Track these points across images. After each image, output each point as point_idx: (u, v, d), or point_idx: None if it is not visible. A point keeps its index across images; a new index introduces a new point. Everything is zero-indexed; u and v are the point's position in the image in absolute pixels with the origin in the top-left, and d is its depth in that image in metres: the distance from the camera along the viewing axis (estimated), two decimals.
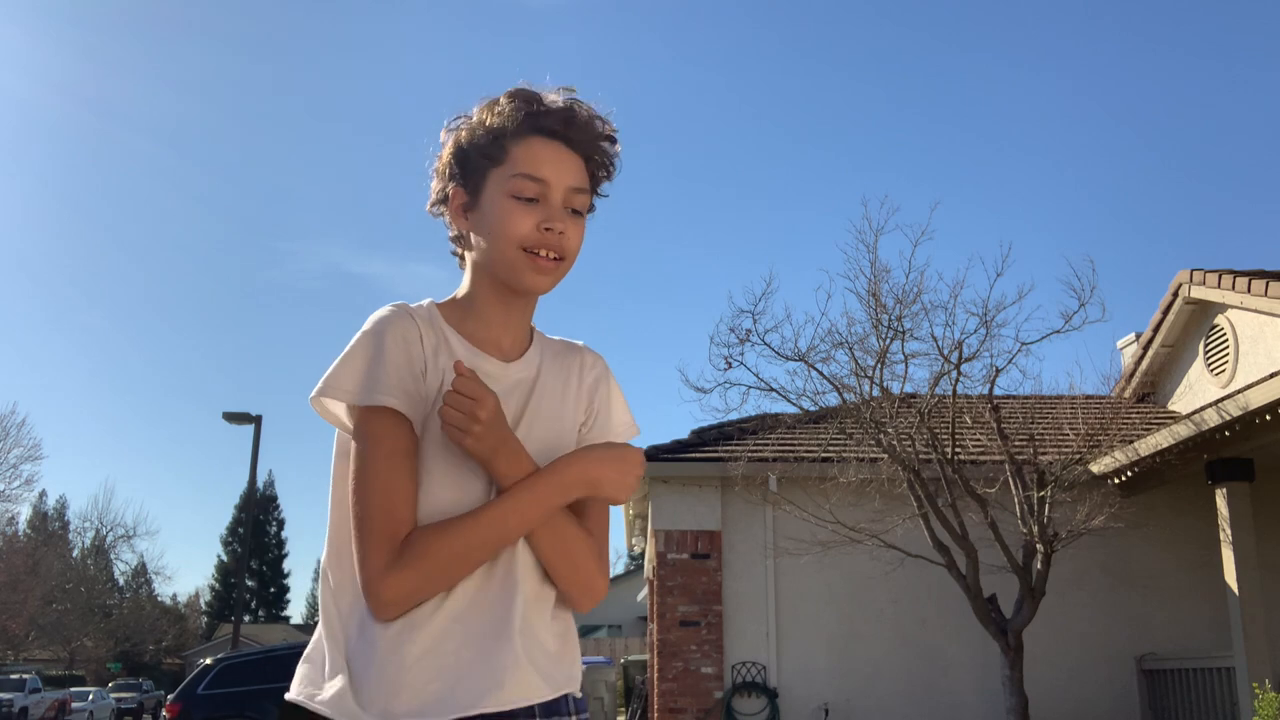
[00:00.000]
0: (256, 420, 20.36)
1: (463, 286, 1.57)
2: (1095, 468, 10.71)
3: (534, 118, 1.50)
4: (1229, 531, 9.76)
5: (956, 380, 9.70)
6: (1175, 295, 12.44)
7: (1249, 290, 10.93)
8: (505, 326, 1.55)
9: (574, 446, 1.55)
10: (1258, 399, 8.68)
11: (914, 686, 11.33)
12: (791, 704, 11.31)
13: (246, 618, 68.24)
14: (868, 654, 11.40)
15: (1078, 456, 10.04)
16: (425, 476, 1.43)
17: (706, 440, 12.18)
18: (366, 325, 1.47)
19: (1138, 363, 13.52)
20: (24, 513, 49.45)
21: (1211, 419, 9.23)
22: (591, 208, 1.56)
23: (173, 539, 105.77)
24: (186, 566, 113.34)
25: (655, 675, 11.63)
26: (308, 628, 68.95)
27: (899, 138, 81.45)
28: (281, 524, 78.25)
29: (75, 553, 53.74)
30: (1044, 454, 10.23)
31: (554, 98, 1.53)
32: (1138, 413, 12.88)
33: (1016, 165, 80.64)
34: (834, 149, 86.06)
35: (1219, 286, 11.50)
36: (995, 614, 9.46)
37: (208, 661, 14.32)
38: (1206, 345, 12.33)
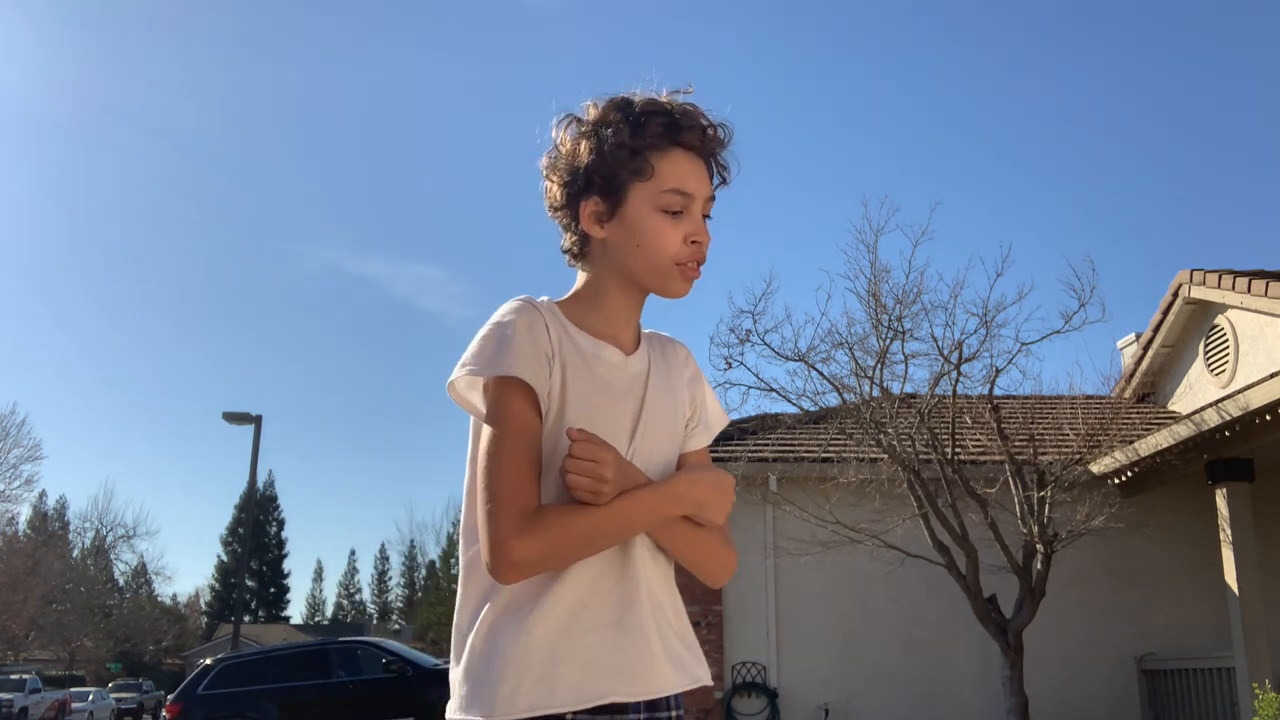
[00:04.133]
0: (256, 420, 20.36)
1: (583, 284, 1.63)
2: (1095, 468, 10.71)
3: (675, 132, 1.57)
4: (1229, 531, 9.76)
5: (956, 380, 9.70)
6: (1175, 295, 12.44)
7: (1249, 290, 10.93)
8: (627, 322, 1.63)
9: (681, 439, 1.66)
10: (1258, 399, 8.68)
11: (914, 687, 11.33)
12: (791, 704, 11.31)
13: (246, 618, 68.20)
14: (868, 654, 11.40)
15: (1078, 457, 10.04)
16: (544, 472, 1.48)
17: None
18: (494, 317, 1.55)
19: (1138, 363, 13.52)
20: (24, 513, 49.44)
21: (1211, 419, 9.23)
22: None
23: (173, 539, 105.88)
24: (186, 566, 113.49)
25: None
26: (308, 628, 68.93)
27: (899, 138, 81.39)
28: (281, 524, 78.27)
29: (75, 553, 53.77)
30: (1044, 454, 10.23)
31: (683, 105, 1.59)
32: (1138, 413, 12.88)
33: (1017, 165, 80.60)
34: (834, 149, 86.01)
35: (1219, 286, 11.49)
36: (995, 614, 9.45)
37: (208, 662, 14.32)
38: (1206, 345, 12.33)
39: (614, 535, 1.46)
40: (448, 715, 1.48)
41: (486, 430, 1.48)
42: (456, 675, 1.48)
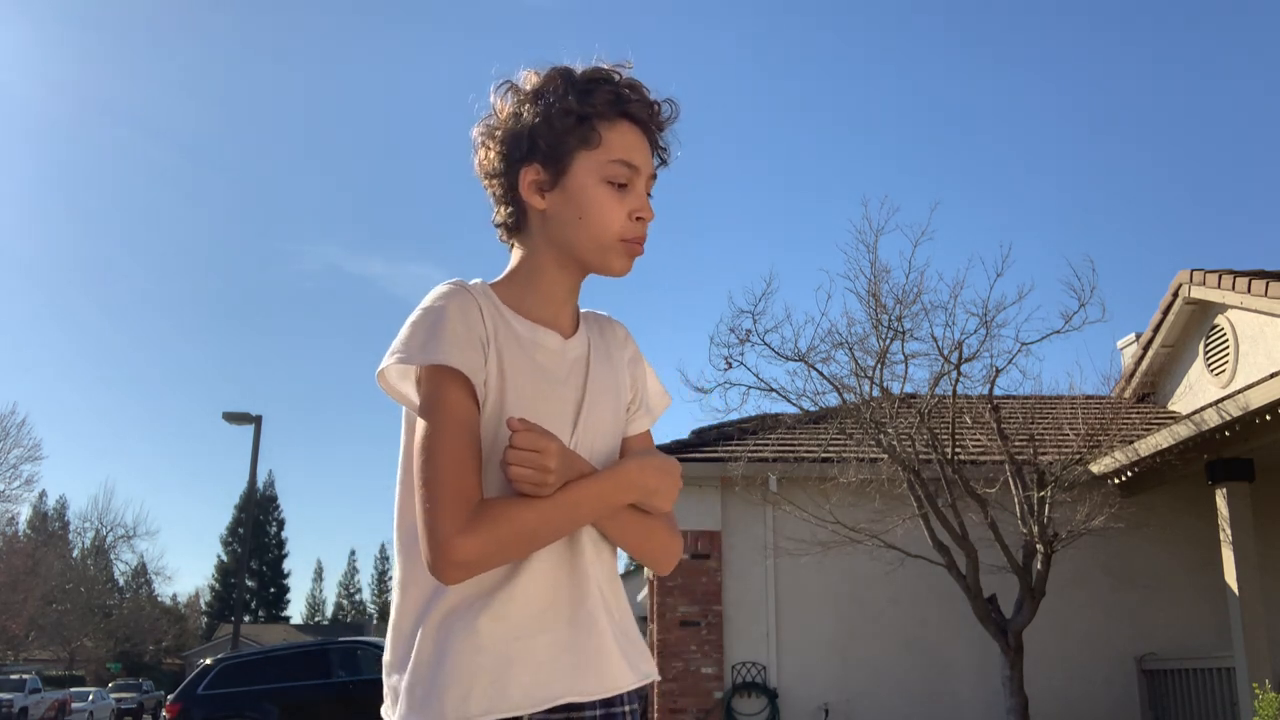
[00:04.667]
0: (256, 420, 20.35)
1: (518, 263, 1.55)
2: (1095, 468, 10.71)
3: (622, 102, 1.51)
4: (1229, 531, 9.76)
5: (956, 380, 9.70)
6: (1175, 295, 12.43)
7: (1249, 290, 10.92)
8: (565, 303, 1.56)
9: (624, 422, 1.59)
10: (1258, 399, 8.68)
11: (914, 687, 11.32)
12: (791, 704, 11.30)
13: (246, 618, 68.20)
14: (868, 654, 11.39)
15: (1078, 457, 10.04)
16: (484, 465, 1.42)
17: (706, 440, 12.17)
18: (424, 301, 1.47)
19: (1138, 363, 13.51)
20: (24, 513, 49.45)
21: (1211, 419, 9.23)
22: None
23: (173, 539, 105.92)
24: (186, 566, 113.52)
25: None
26: (307, 628, 68.94)
27: (899, 138, 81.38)
28: (281, 524, 78.28)
29: (75, 553, 53.74)
30: (1044, 454, 10.23)
31: (629, 78, 1.54)
32: (1138, 413, 12.87)
33: (1017, 165, 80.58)
34: (834, 149, 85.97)
35: (1219, 286, 11.49)
36: (995, 614, 9.45)
37: (208, 662, 14.31)
38: (1206, 345, 12.33)
39: (561, 527, 1.40)
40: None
41: (421, 423, 1.42)
42: (401, 681, 1.40)
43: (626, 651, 1.48)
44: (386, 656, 1.46)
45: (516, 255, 1.56)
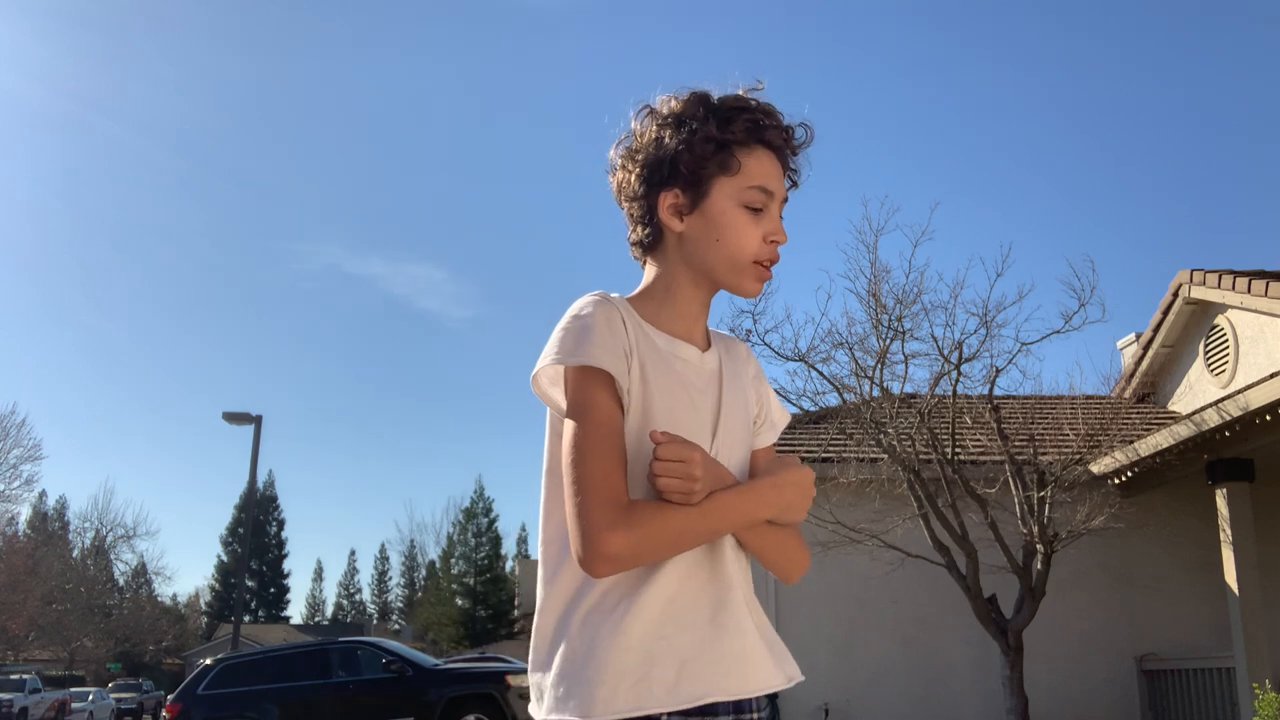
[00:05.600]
0: (256, 420, 20.35)
1: (653, 280, 1.61)
2: (1095, 468, 10.71)
3: (760, 129, 1.57)
4: (1229, 531, 9.76)
5: (956, 380, 9.70)
6: (1175, 295, 12.44)
7: (1249, 290, 10.93)
8: (698, 320, 1.61)
9: (752, 436, 1.65)
10: (1258, 399, 8.68)
11: (914, 687, 11.33)
12: (791, 704, 11.30)
13: (246, 618, 68.22)
14: (868, 654, 11.40)
15: (1078, 457, 10.04)
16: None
17: None
18: (570, 310, 1.52)
19: (1138, 363, 13.52)
20: (24, 513, 49.44)
21: (1211, 419, 9.23)
22: None
23: (173, 539, 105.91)
24: (186, 566, 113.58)
25: None
26: (308, 628, 68.95)
27: (899, 138, 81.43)
28: (281, 524, 78.24)
29: (75, 553, 53.71)
30: (1044, 454, 10.23)
31: (765, 104, 1.59)
32: (1138, 413, 12.87)
33: (1017, 165, 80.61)
34: (834, 149, 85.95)
35: (1219, 286, 11.49)
36: (995, 614, 9.45)
37: (208, 662, 14.32)
38: (1206, 345, 12.33)
39: (703, 535, 1.44)
40: (538, 718, 1.45)
41: (569, 425, 1.46)
42: (548, 677, 1.44)
43: (773, 652, 1.53)
44: (531, 655, 1.50)
45: (651, 273, 1.61)
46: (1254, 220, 70.47)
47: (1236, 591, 9.59)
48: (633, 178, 1.58)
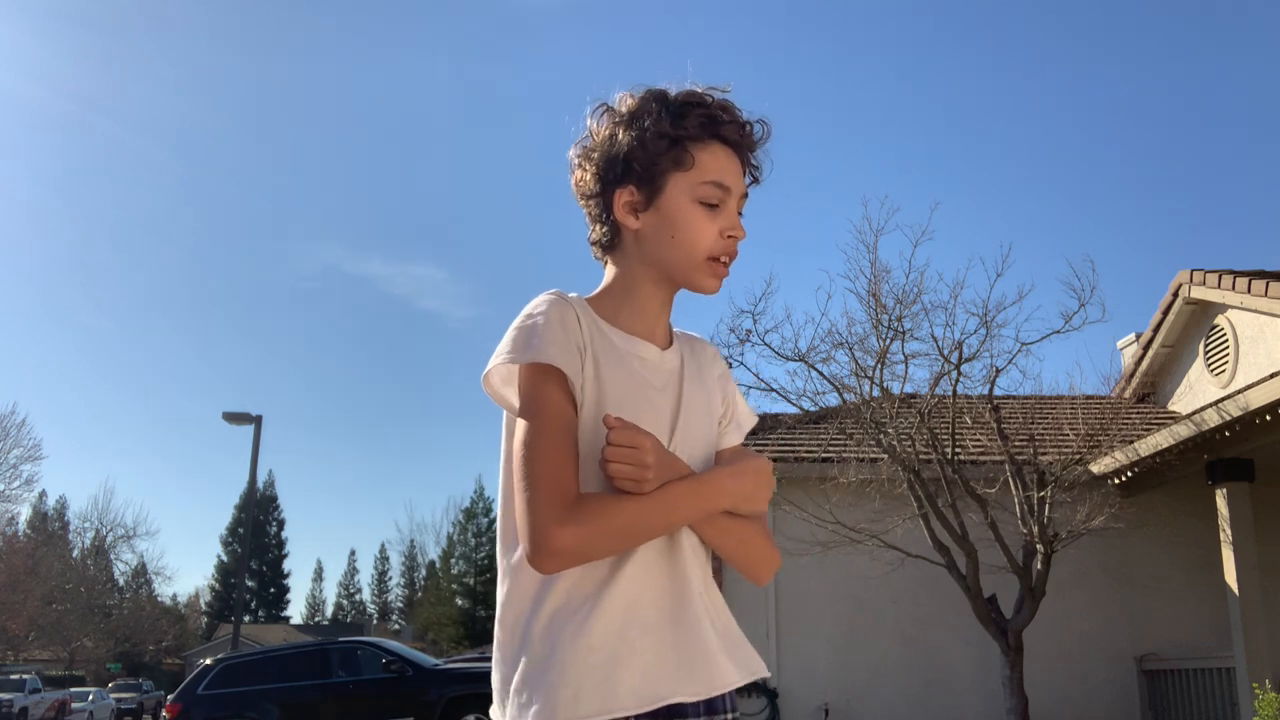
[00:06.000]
0: (256, 420, 20.35)
1: (613, 279, 1.60)
2: (1095, 468, 10.71)
3: (715, 125, 1.55)
4: (1229, 531, 9.76)
5: (956, 380, 9.71)
6: (1175, 295, 12.44)
7: (1249, 290, 10.93)
8: (659, 318, 1.60)
9: (716, 437, 1.63)
10: (1258, 399, 8.68)
11: (914, 687, 11.33)
12: (791, 704, 11.31)
13: (246, 618, 68.22)
14: (868, 654, 11.40)
15: (1078, 457, 10.04)
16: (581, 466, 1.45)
17: None
18: (524, 310, 1.52)
19: (1138, 363, 13.52)
20: (24, 513, 49.43)
21: (1211, 419, 9.23)
22: None
23: (173, 539, 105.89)
24: (186, 566, 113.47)
25: None
26: (308, 628, 68.95)
27: (899, 138, 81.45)
28: (281, 524, 78.25)
29: (75, 553, 53.70)
30: (1044, 454, 10.23)
31: (721, 100, 1.58)
32: (1138, 413, 12.87)
33: (1017, 166, 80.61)
34: (834, 149, 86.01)
35: (1219, 286, 11.50)
36: (995, 614, 9.45)
37: (208, 662, 14.31)
38: (1206, 345, 12.33)
39: (657, 527, 1.42)
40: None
41: (521, 423, 1.45)
42: (512, 680, 1.42)
43: (731, 651, 1.51)
44: (495, 655, 1.49)
45: (610, 272, 1.61)
46: (1254, 220, 70.49)
47: (1236, 591, 9.59)
48: (588, 176, 1.58)
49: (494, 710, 1.46)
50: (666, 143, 1.52)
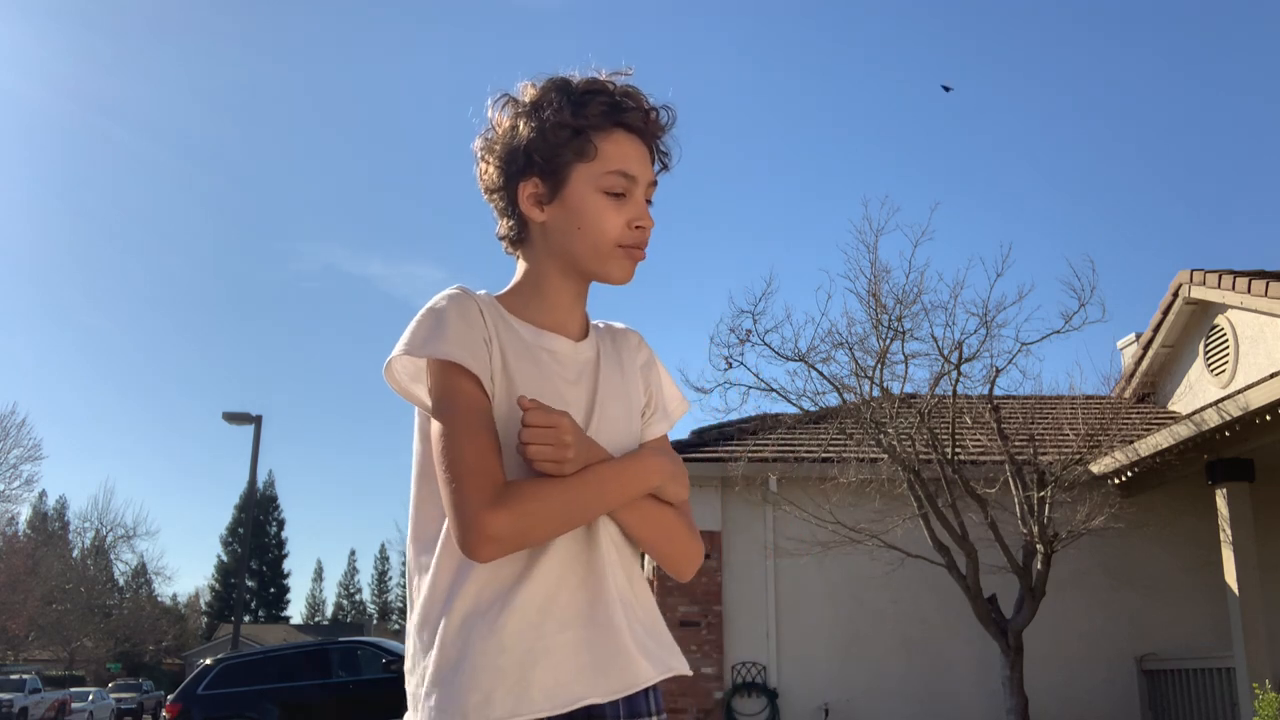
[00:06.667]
0: (256, 420, 20.35)
1: (522, 274, 1.57)
2: (1095, 468, 10.71)
3: (617, 113, 1.51)
4: (1229, 531, 9.76)
5: (956, 380, 9.70)
6: (1175, 295, 12.44)
7: (1249, 290, 10.92)
8: (571, 311, 1.57)
9: (640, 427, 1.59)
10: (1258, 399, 8.68)
11: (914, 687, 11.32)
12: (791, 704, 11.30)
13: (246, 618, 68.19)
14: (868, 654, 11.39)
15: (1078, 457, 10.04)
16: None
17: (706, 440, 12.17)
18: (426, 305, 1.48)
19: (1138, 363, 13.51)
20: (24, 513, 49.41)
21: (1211, 419, 9.23)
22: None
23: (173, 539, 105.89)
24: (186, 566, 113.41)
25: None
26: (308, 628, 68.94)
27: (899, 138, 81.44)
28: (281, 524, 78.24)
29: (75, 553, 53.67)
30: (1044, 454, 10.23)
31: (625, 86, 1.54)
32: (1138, 413, 12.87)
33: (1017, 165, 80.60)
34: (834, 149, 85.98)
35: (1219, 286, 11.49)
36: (995, 614, 9.45)
37: (208, 662, 14.32)
38: (1206, 345, 12.33)
39: (587, 507, 1.39)
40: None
41: (437, 415, 1.42)
42: (423, 683, 1.39)
43: (647, 647, 1.46)
44: (407, 662, 1.45)
45: (521, 267, 1.57)
46: (1254, 220, 70.47)
47: (1236, 591, 9.59)
48: (491, 169, 1.55)
49: (408, 718, 1.42)
50: (568, 133, 1.49)
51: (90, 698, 36.08)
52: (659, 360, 1.69)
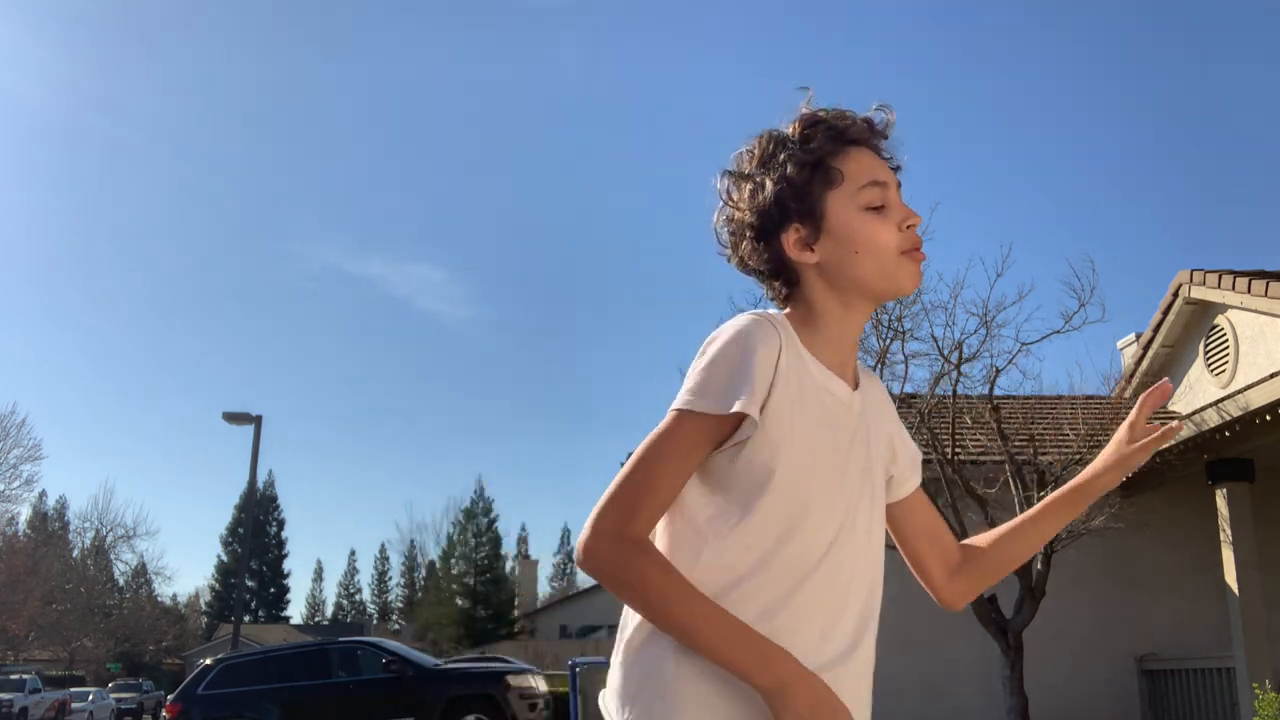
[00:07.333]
0: (256, 420, 20.35)
1: (802, 310, 1.54)
2: None
3: (841, 133, 1.52)
4: (1229, 531, 9.76)
5: (957, 380, 9.71)
6: (1175, 295, 12.44)
7: (1249, 290, 10.92)
8: (851, 352, 1.56)
9: (892, 485, 1.62)
10: (1258, 399, 8.68)
11: (914, 686, 11.32)
12: None
13: (246, 618, 68.19)
14: None
15: (1078, 457, 10.04)
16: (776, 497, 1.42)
17: None
18: (729, 333, 1.45)
19: (1138, 363, 13.51)
20: (24, 513, 49.44)
21: (1211, 419, 9.23)
22: None
23: (173, 539, 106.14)
24: (186, 566, 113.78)
25: None
26: (308, 628, 68.95)
27: (899, 138, 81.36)
28: (281, 524, 78.18)
29: (75, 553, 53.70)
30: (1044, 454, 10.23)
31: (833, 109, 1.55)
32: None
33: (1017, 165, 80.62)
34: None
35: (1219, 286, 11.49)
36: (995, 614, 9.45)
37: (208, 662, 14.33)
38: (1206, 345, 12.33)
39: (664, 620, 1.37)
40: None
41: (667, 420, 1.42)
42: (627, 686, 1.42)
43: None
44: (627, 639, 1.44)
45: (796, 312, 1.55)
46: (1254, 220, 70.49)
47: (1236, 591, 9.59)
48: (746, 243, 1.54)
49: (605, 696, 1.44)
50: (809, 169, 1.49)
51: (90, 698, 36.08)
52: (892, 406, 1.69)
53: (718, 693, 1.36)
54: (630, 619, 1.43)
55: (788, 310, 1.56)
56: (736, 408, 1.38)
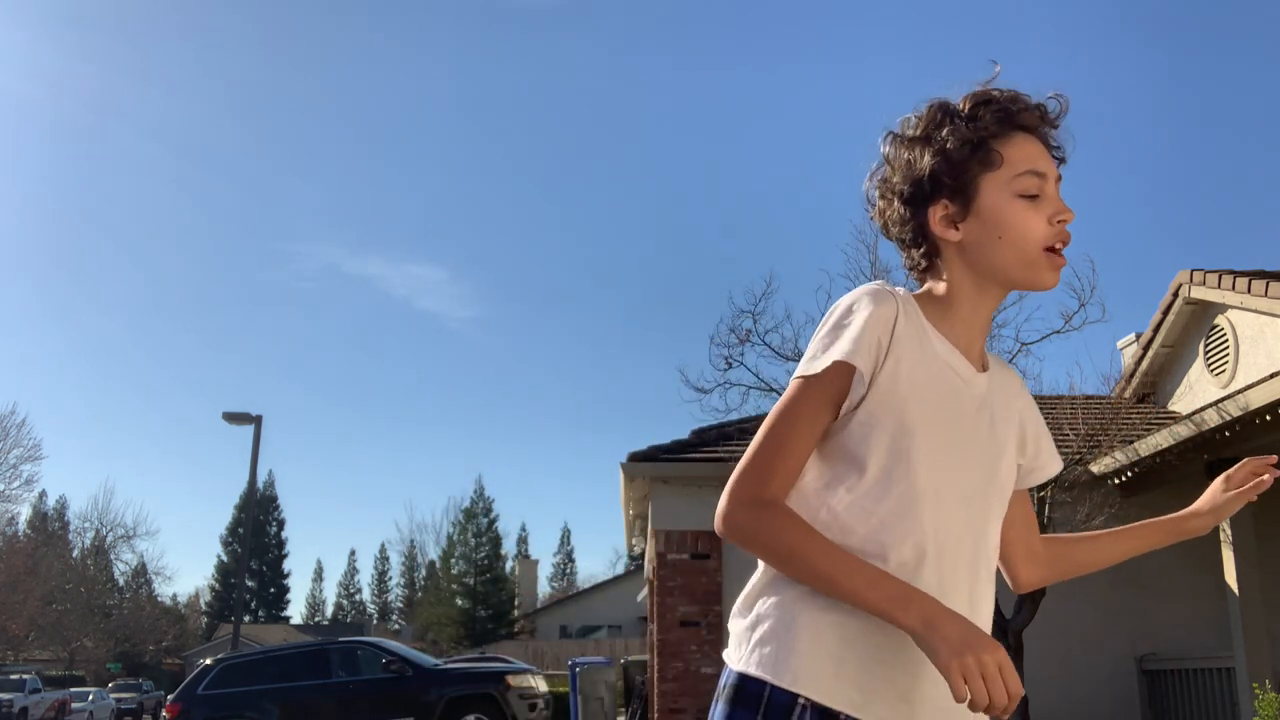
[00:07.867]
0: (256, 420, 20.35)
1: (936, 289, 1.55)
2: (1095, 468, 10.71)
3: (1011, 116, 1.51)
4: (1229, 531, 9.76)
5: None
6: (1175, 295, 12.44)
7: (1249, 290, 10.92)
8: (981, 334, 1.56)
9: (1013, 471, 1.58)
10: (1258, 399, 8.68)
11: None
12: None
13: (246, 618, 68.18)
14: None
15: (1078, 457, 10.05)
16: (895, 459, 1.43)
17: (707, 440, 12.17)
18: (846, 301, 1.47)
19: (1138, 363, 13.51)
20: (24, 513, 49.48)
21: (1211, 419, 9.23)
22: None
23: (173, 539, 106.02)
24: (186, 566, 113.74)
25: (655, 675, 11.63)
26: (308, 628, 68.94)
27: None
28: (281, 524, 78.14)
29: (75, 553, 53.74)
30: None
31: (1007, 90, 1.54)
32: (1138, 413, 12.87)
33: None
34: (834, 148, 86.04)
35: (1219, 286, 11.49)
36: (995, 614, 9.45)
37: (208, 662, 14.34)
38: (1206, 345, 12.33)
39: (810, 577, 1.38)
40: (734, 666, 1.46)
41: (793, 383, 1.44)
42: (760, 630, 1.45)
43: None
44: (755, 587, 1.49)
45: (931, 288, 1.56)
46: (1254, 220, 70.49)
47: (1236, 591, 9.60)
48: (895, 205, 1.54)
49: (730, 652, 1.48)
50: (970, 147, 1.48)
51: (90, 698, 36.07)
52: (1036, 406, 1.68)
53: (833, 624, 1.39)
54: (754, 575, 1.49)
55: (923, 283, 1.57)
56: (840, 357, 1.40)
